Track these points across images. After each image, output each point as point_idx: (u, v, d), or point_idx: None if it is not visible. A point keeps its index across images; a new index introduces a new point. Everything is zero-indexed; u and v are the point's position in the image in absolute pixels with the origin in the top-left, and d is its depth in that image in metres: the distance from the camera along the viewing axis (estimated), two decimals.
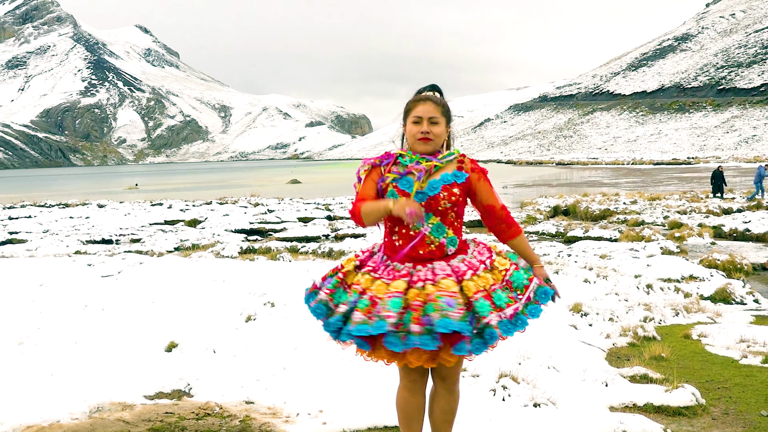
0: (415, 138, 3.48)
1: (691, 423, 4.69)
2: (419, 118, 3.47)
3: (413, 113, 3.50)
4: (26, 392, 5.16)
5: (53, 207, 42.83)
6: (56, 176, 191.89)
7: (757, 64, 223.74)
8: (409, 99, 3.62)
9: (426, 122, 3.46)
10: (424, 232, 3.44)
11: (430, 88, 3.60)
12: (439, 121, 3.50)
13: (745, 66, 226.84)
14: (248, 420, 4.62)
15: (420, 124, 3.47)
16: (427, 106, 3.49)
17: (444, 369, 3.56)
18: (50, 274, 10.41)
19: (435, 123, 3.48)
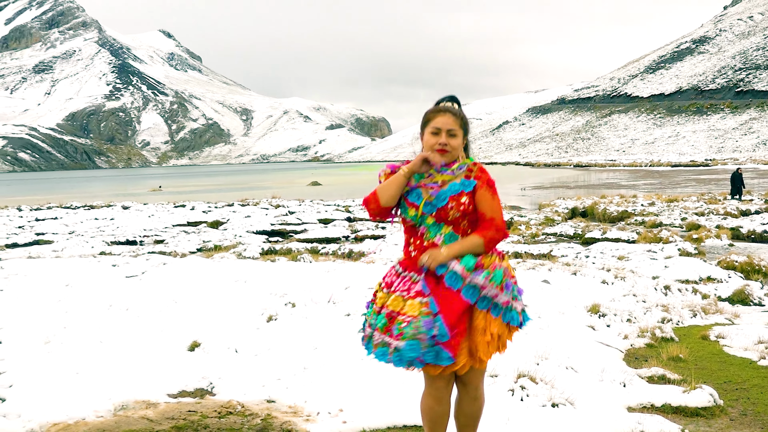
0: (433, 149, 3.49)
1: (708, 424, 4.66)
2: (438, 129, 3.49)
3: (432, 124, 3.52)
4: (52, 390, 5.20)
5: (79, 209, 43.11)
6: (82, 178, 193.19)
7: None
8: (428, 109, 3.62)
9: (444, 134, 3.48)
10: (437, 242, 3.45)
11: (449, 99, 3.61)
12: (456, 134, 3.52)
13: (763, 68, 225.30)
14: (269, 418, 4.63)
15: (438, 135, 3.49)
16: (447, 117, 3.51)
17: (466, 376, 3.59)
18: (76, 274, 10.48)
19: (453, 135, 3.50)
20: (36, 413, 4.71)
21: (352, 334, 6.35)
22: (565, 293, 9.25)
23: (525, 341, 6.32)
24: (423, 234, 3.47)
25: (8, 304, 8.23)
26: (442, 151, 3.47)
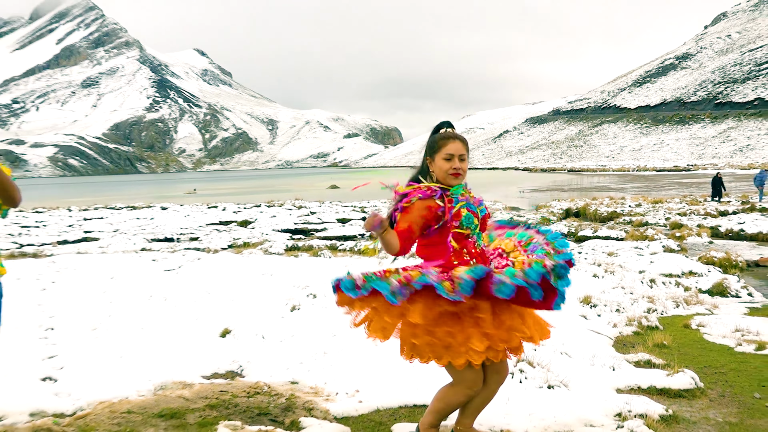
0: (447, 173, 3.49)
1: (690, 404, 4.64)
2: (451, 155, 3.49)
3: (445, 150, 3.50)
4: (99, 372, 5.23)
5: (122, 209, 43.31)
6: (124, 182, 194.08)
7: (750, 80, 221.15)
8: (433, 134, 3.63)
9: (457, 159, 3.50)
10: (483, 248, 3.57)
11: (447, 125, 3.62)
12: (465, 158, 3.55)
13: (740, 82, 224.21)
14: (293, 398, 4.64)
15: (452, 161, 3.49)
16: (457, 144, 3.52)
17: (503, 365, 3.58)
18: (119, 268, 10.54)
19: (463, 160, 3.53)
20: (84, 392, 4.74)
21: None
22: None
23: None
24: (474, 241, 3.50)
25: (60, 295, 8.29)
26: (457, 174, 3.50)
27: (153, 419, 4.23)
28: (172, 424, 4.14)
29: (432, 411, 3.63)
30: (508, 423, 4.11)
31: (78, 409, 4.46)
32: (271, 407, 4.48)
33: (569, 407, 4.37)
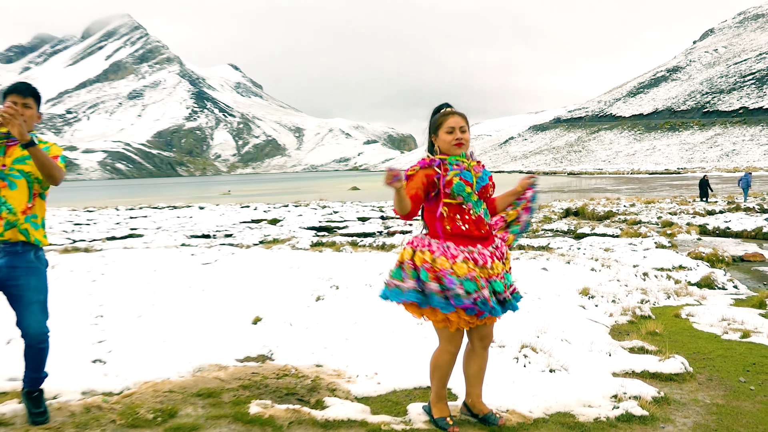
0: (451, 144, 3.54)
1: (680, 387, 4.61)
2: (452, 128, 3.54)
3: (447, 124, 3.55)
4: (144, 355, 5.26)
5: (164, 208, 43.59)
6: (166, 184, 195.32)
7: (736, 91, 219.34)
8: (434, 115, 3.65)
9: (458, 131, 3.53)
10: (482, 216, 3.55)
11: (446, 105, 3.67)
12: (466, 130, 3.58)
13: (726, 92, 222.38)
14: (318, 380, 4.65)
15: (454, 132, 3.53)
16: (456, 118, 3.57)
17: (484, 329, 3.66)
18: (162, 261, 10.59)
19: (464, 131, 3.57)
20: (130, 373, 4.77)
21: (385, 312, 6.36)
22: (561, 279, 9.19)
23: (527, 318, 6.29)
24: (471, 209, 3.51)
25: (108, 286, 8.35)
26: (460, 144, 3.54)
27: (192, 398, 4.25)
28: (209, 403, 4.16)
29: (430, 380, 3.74)
30: (513, 403, 4.10)
31: (125, 389, 4.50)
32: (298, 388, 4.49)
33: (569, 389, 4.35)
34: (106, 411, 3.97)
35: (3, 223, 3.49)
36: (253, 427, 3.74)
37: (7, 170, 3.51)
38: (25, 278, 3.57)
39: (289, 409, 3.94)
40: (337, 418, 3.82)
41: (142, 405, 4.04)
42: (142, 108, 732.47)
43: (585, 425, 3.83)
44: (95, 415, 3.90)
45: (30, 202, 3.58)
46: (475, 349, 3.72)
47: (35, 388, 3.79)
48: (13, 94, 3.61)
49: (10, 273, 3.53)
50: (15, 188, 3.52)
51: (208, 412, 3.99)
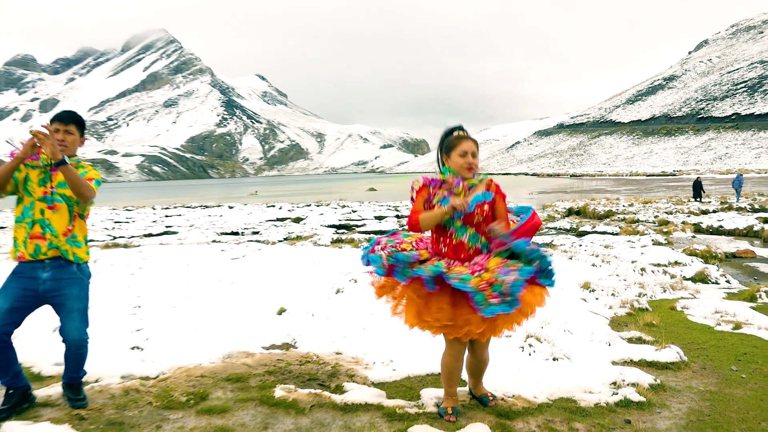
0: (463, 168, 3.53)
1: (676, 375, 4.56)
2: (465, 152, 3.53)
3: (460, 148, 3.54)
4: (178, 342, 5.30)
5: (196, 208, 43.83)
6: (198, 186, 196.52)
7: (728, 98, 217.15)
8: (448, 136, 3.62)
9: (470, 155, 3.52)
10: (463, 241, 3.50)
11: (460, 128, 3.64)
12: (476, 154, 3.57)
13: (720, 99, 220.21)
14: (338, 366, 4.66)
15: (466, 157, 3.52)
16: (470, 143, 3.56)
17: (477, 344, 3.71)
18: (194, 257, 10.66)
19: (475, 156, 3.55)
20: (165, 359, 4.81)
21: None
22: (563, 273, 9.14)
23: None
24: (452, 234, 3.51)
25: (146, 279, 8.42)
26: (470, 168, 3.53)
27: (222, 382, 4.27)
28: (238, 387, 4.18)
29: (442, 379, 3.76)
30: (519, 389, 4.09)
31: (160, 373, 4.53)
32: (319, 374, 4.50)
33: (571, 376, 4.33)
34: (143, 394, 4.00)
35: (47, 244, 3.57)
36: (278, 409, 3.76)
37: (50, 194, 3.57)
38: (68, 288, 3.63)
39: (311, 393, 3.95)
40: (355, 401, 3.83)
41: (176, 388, 4.07)
42: (177, 115, 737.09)
43: (586, 410, 3.81)
44: (133, 398, 3.93)
45: (71, 224, 3.65)
46: (475, 350, 3.77)
47: (74, 382, 3.83)
48: (56, 122, 3.69)
49: (55, 285, 3.60)
50: (56, 212, 3.59)
51: (237, 395, 4.01)
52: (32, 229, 3.55)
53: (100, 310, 6.65)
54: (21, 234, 3.57)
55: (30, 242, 3.54)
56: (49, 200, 3.57)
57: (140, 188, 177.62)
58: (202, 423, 3.54)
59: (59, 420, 3.53)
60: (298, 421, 3.60)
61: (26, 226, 3.56)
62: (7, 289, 3.54)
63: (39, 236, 3.55)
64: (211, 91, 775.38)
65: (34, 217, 3.56)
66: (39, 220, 3.55)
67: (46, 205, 3.57)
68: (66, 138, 3.67)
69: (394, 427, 3.49)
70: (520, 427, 3.54)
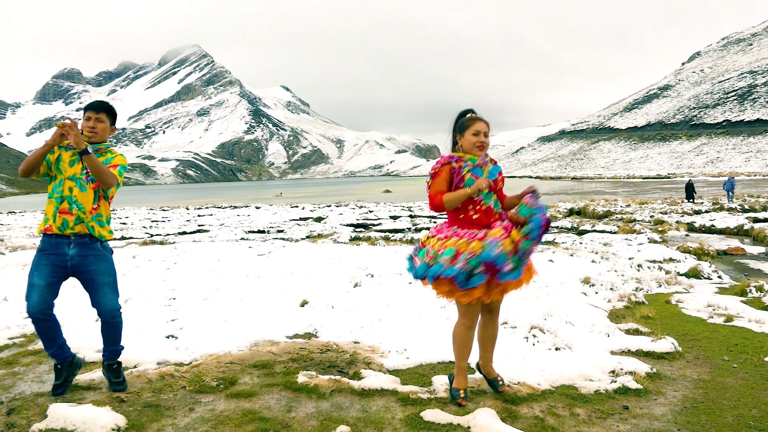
0: (474, 145, 3.55)
1: (671, 364, 4.51)
2: (478, 131, 3.55)
3: (473, 128, 3.56)
4: (209, 332, 5.32)
5: (226, 208, 44.10)
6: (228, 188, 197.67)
7: (720, 106, 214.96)
8: (462, 117, 3.64)
9: (482, 135, 3.55)
10: (491, 206, 3.54)
11: (472, 111, 3.66)
12: (488, 135, 3.59)
13: (711, 107, 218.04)
14: (355, 354, 4.65)
15: (479, 136, 3.54)
16: (482, 124, 3.58)
17: (494, 303, 3.67)
18: (224, 253, 10.69)
19: (486, 135, 3.58)
20: (198, 347, 4.83)
21: (414, 296, 6.35)
22: (565, 269, 9.06)
23: (536, 303, 6.22)
24: (481, 201, 3.51)
25: (180, 273, 8.46)
26: (481, 147, 3.56)
27: (249, 369, 4.28)
28: (264, 373, 4.19)
29: (453, 353, 3.73)
30: (524, 377, 4.05)
31: (193, 360, 4.55)
32: (339, 361, 4.50)
33: (573, 365, 4.29)
34: (177, 379, 4.02)
35: (74, 219, 3.61)
36: (300, 394, 3.76)
37: (79, 175, 3.61)
38: (95, 264, 3.67)
39: (331, 379, 3.95)
40: (371, 387, 3.82)
41: (207, 374, 4.09)
42: (209, 123, 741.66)
43: (587, 396, 3.77)
44: (168, 382, 3.95)
45: (95, 203, 3.69)
46: (486, 320, 3.74)
47: (114, 360, 3.86)
48: (89, 111, 3.75)
49: (82, 261, 3.64)
50: (84, 191, 3.64)
51: (263, 380, 4.01)
52: (60, 204, 3.60)
53: (139, 302, 6.69)
54: (50, 209, 3.62)
55: (59, 216, 3.59)
56: (77, 179, 3.62)
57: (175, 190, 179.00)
58: (231, 406, 3.55)
59: (101, 402, 3.55)
60: (319, 404, 3.59)
61: (55, 201, 3.61)
62: (39, 267, 3.59)
63: (66, 211, 3.60)
64: (239, 101, 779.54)
65: (63, 193, 3.61)
66: (67, 197, 3.60)
67: (74, 184, 3.62)
68: (97, 125, 3.72)
69: (407, 411, 3.47)
70: (525, 411, 3.51)
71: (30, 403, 3.61)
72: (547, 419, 3.40)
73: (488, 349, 3.79)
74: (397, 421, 3.35)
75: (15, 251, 12.67)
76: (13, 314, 6.14)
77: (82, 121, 3.70)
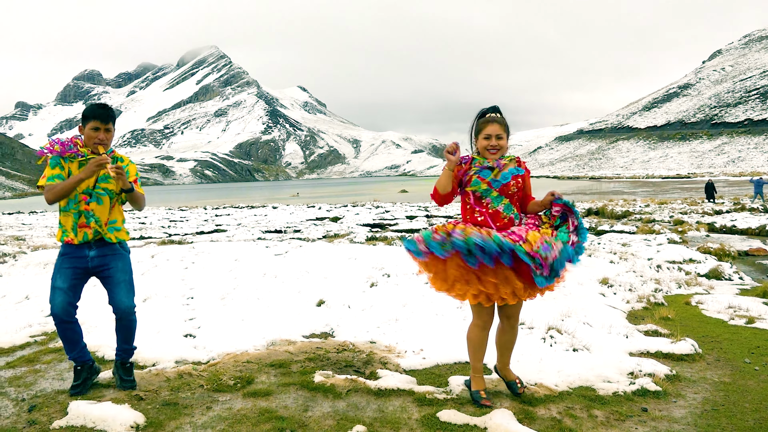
0: (485, 149, 3.52)
1: (691, 366, 4.45)
2: (489, 135, 3.51)
3: (484, 132, 3.53)
4: (226, 331, 5.35)
5: (243, 208, 44.35)
6: (245, 188, 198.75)
7: (741, 104, 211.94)
8: (478, 119, 3.60)
9: (494, 138, 3.49)
10: (499, 210, 3.47)
11: (492, 110, 3.59)
12: (502, 137, 3.53)
13: (733, 106, 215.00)
14: (372, 354, 4.65)
15: (490, 139, 3.50)
16: (495, 126, 3.52)
17: (509, 309, 3.60)
18: (241, 252, 10.74)
19: (500, 138, 3.51)
20: (215, 346, 4.86)
21: (430, 296, 6.33)
22: (583, 269, 8.98)
23: (553, 304, 6.17)
24: (488, 204, 3.47)
25: (198, 272, 8.53)
26: (493, 151, 3.50)
27: (266, 368, 4.30)
28: (280, 372, 4.21)
29: (468, 354, 3.70)
30: (541, 378, 4.03)
31: (211, 359, 4.58)
32: (355, 361, 4.50)
33: (590, 366, 4.25)
34: (195, 377, 4.05)
35: (92, 231, 3.70)
36: (317, 393, 3.77)
37: (92, 189, 3.66)
38: (113, 262, 3.76)
39: (348, 379, 3.95)
40: (388, 387, 3.82)
41: (224, 373, 4.11)
42: (226, 124, 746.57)
43: (604, 398, 3.74)
44: (186, 381, 3.99)
45: (112, 213, 3.80)
46: (504, 326, 3.70)
47: (127, 359, 3.91)
48: (96, 120, 3.65)
49: (101, 260, 3.73)
50: (101, 204, 3.71)
51: (279, 380, 4.03)
52: (78, 219, 3.66)
53: (157, 301, 6.76)
54: (68, 222, 3.68)
55: (79, 230, 3.67)
56: (92, 193, 3.67)
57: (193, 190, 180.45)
58: (248, 405, 3.57)
59: (120, 400, 3.59)
60: (335, 404, 3.60)
61: (72, 216, 3.66)
62: (62, 270, 3.67)
63: (84, 225, 3.67)
64: (257, 102, 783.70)
65: (80, 208, 3.66)
66: (84, 212, 3.67)
67: (89, 197, 3.67)
68: (107, 137, 3.70)
69: (423, 411, 3.47)
70: (542, 413, 3.49)
71: (51, 400, 3.67)
72: (564, 421, 3.38)
73: (505, 354, 3.77)
74: (413, 421, 3.35)
75: (36, 250, 12.85)
76: (35, 312, 6.23)
77: (87, 130, 3.65)
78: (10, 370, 4.32)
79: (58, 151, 3.63)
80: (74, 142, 3.68)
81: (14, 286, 7.88)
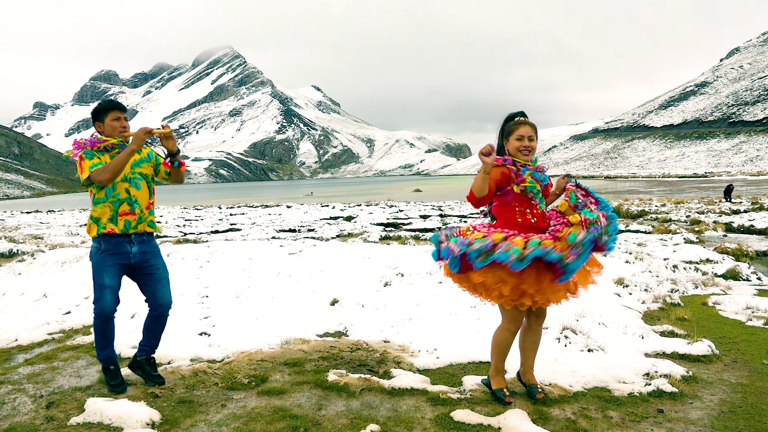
0: (518, 150, 3.53)
1: (707, 368, 4.40)
2: (522, 136, 3.53)
3: (517, 133, 3.54)
4: (240, 329, 5.38)
5: (258, 207, 44.54)
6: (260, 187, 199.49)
7: (760, 103, 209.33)
8: (508, 120, 3.62)
9: (526, 139, 3.52)
10: (543, 210, 3.56)
11: (520, 114, 3.63)
12: (534, 138, 3.57)
13: (751, 104, 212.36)
14: (385, 353, 4.65)
15: (522, 140, 3.52)
16: (527, 128, 3.55)
17: (541, 310, 3.64)
18: (256, 251, 10.78)
19: (531, 140, 3.55)
20: (230, 344, 4.89)
21: (444, 296, 6.32)
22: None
23: (567, 304, 6.12)
24: (537, 205, 3.52)
25: (213, 271, 8.57)
26: (526, 151, 3.53)
27: (280, 366, 4.32)
28: (294, 371, 4.22)
29: (491, 355, 3.69)
30: (555, 378, 4.01)
31: (225, 357, 4.61)
32: (369, 360, 4.50)
33: (605, 367, 4.22)
34: (210, 375, 4.08)
35: (136, 218, 3.71)
36: (330, 392, 3.78)
37: (130, 174, 3.68)
38: (154, 260, 3.82)
39: (361, 378, 3.96)
40: (401, 386, 3.82)
41: (239, 371, 4.14)
42: (241, 123, 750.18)
43: (620, 399, 3.71)
44: (201, 379, 4.02)
45: (151, 198, 3.79)
46: (531, 325, 3.70)
47: (152, 354, 3.95)
48: (115, 111, 3.76)
49: (143, 257, 3.77)
50: (140, 189, 3.73)
51: (294, 378, 4.05)
52: (120, 207, 3.66)
53: (173, 299, 6.80)
54: (106, 213, 3.66)
55: (120, 219, 3.66)
56: (131, 180, 3.70)
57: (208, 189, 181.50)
58: (263, 403, 3.59)
59: (136, 397, 3.63)
60: (349, 403, 3.61)
61: (112, 205, 3.66)
62: (106, 268, 3.66)
63: (128, 212, 3.68)
64: (271, 101, 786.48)
65: (120, 196, 3.67)
66: (125, 199, 3.68)
67: (128, 185, 3.69)
68: (127, 125, 3.79)
69: (437, 411, 3.46)
70: (557, 414, 3.47)
71: (68, 397, 3.71)
72: (579, 421, 3.36)
73: (530, 355, 3.76)
74: (427, 420, 3.34)
75: (54, 249, 13.00)
76: (53, 310, 6.31)
77: (108, 122, 3.72)
78: (28, 367, 4.38)
79: (88, 146, 3.67)
80: (98, 138, 3.72)
81: (32, 284, 7.98)
